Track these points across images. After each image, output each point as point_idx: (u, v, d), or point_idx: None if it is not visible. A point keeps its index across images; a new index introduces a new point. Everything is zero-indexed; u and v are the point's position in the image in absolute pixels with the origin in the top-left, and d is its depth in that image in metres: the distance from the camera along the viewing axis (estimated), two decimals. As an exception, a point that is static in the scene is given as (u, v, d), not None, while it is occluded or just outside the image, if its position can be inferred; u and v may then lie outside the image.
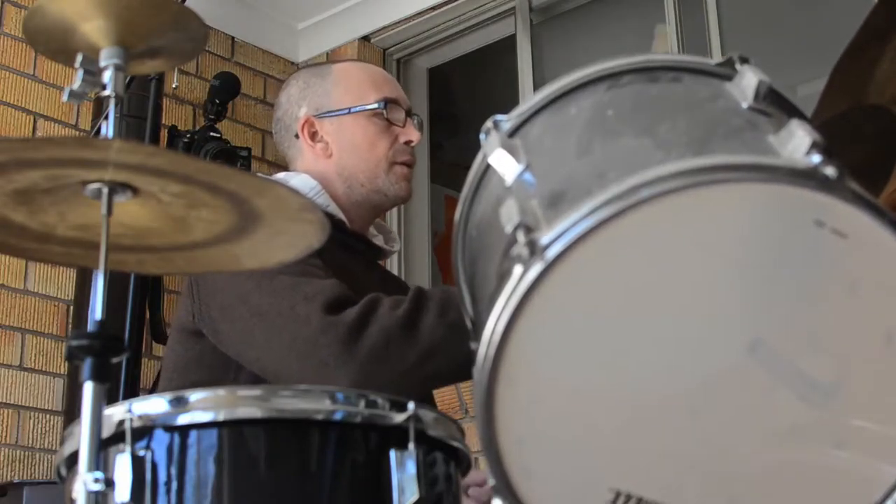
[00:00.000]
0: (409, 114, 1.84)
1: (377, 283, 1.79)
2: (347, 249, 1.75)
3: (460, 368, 1.48)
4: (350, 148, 1.79)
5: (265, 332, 1.54)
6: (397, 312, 1.49)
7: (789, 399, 0.90)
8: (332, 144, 1.80)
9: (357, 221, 1.81)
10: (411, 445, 1.09)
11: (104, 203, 0.99)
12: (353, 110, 1.80)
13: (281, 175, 1.85)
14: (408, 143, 1.82)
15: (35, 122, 3.28)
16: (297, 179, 1.78)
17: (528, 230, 0.86)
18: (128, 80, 1.12)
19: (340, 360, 1.45)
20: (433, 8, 3.85)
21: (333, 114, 1.80)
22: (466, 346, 1.45)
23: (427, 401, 1.84)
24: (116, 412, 1.05)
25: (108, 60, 1.09)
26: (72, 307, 3.18)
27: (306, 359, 1.48)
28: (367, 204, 1.81)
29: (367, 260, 1.84)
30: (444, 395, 3.06)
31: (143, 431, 1.05)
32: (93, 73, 1.09)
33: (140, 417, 1.05)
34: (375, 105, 1.80)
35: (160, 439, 1.06)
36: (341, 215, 1.77)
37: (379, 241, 1.87)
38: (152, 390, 2.42)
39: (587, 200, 0.84)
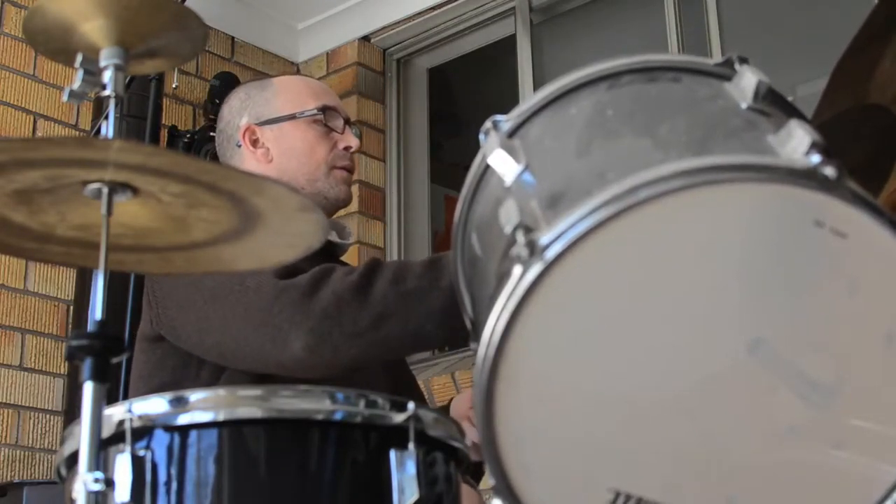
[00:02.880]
0: (347, 122, 1.89)
1: None
2: None
3: (414, 336, 1.49)
4: (290, 152, 1.83)
5: (220, 313, 1.56)
6: (350, 278, 1.50)
7: (789, 399, 0.90)
8: (272, 150, 1.83)
9: None
10: (411, 445, 1.09)
11: (104, 203, 0.99)
12: (293, 117, 1.84)
13: None
14: (346, 148, 1.86)
15: (35, 122, 3.28)
16: None
17: (528, 230, 0.86)
18: (128, 80, 1.12)
19: (294, 323, 1.46)
20: (433, 8, 3.85)
21: (274, 121, 1.84)
22: (419, 316, 1.47)
23: (411, 389, 1.85)
24: (116, 412, 1.05)
25: (108, 60, 1.09)
26: (72, 307, 3.18)
27: (261, 329, 1.49)
28: None
29: (324, 258, 1.85)
30: (445, 395, 3.06)
31: (143, 431, 1.05)
32: (93, 73, 1.09)
33: (140, 417, 1.05)
34: (315, 111, 1.84)
35: (160, 439, 1.06)
36: None
37: (333, 236, 1.89)
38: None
39: (587, 201, 0.84)
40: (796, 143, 0.86)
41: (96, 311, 0.99)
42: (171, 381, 1.64)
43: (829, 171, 0.83)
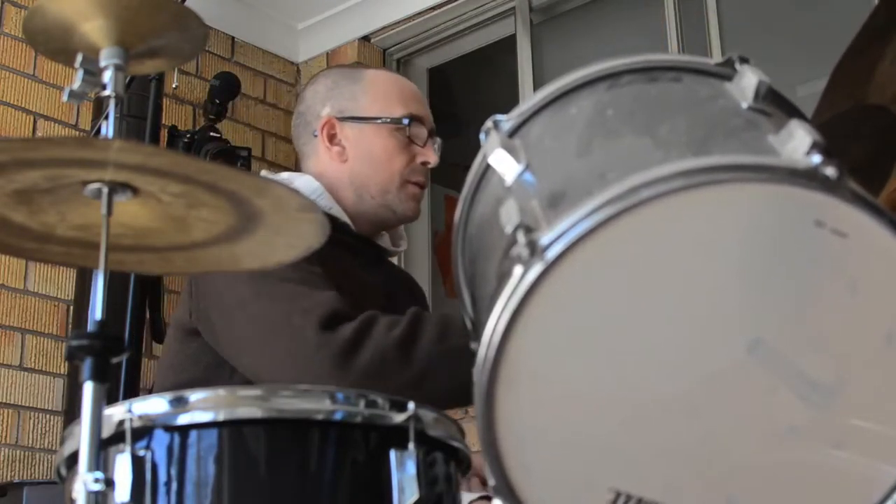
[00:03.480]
0: (431, 135, 1.83)
1: (381, 284, 1.79)
2: (351, 251, 1.75)
3: (456, 394, 1.47)
4: (367, 157, 1.78)
5: (260, 341, 1.55)
6: (393, 333, 1.48)
7: (789, 399, 0.90)
8: (348, 150, 1.78)
9: (362, 229, 1.81)
10: (411, 445, 1.09)
11: (104, 203, 0.99)
12: (377, 120, 1.78)
13: (285, 175, 1.85)
14: (424, 163, 1.80)
15: (35, 122, 3.28)
16: (301, 181, 1.77)
17: (529, 230, 0.86)
18: (128, 80, 1.12)
19: (333, 378, 1.45)
20: (433, 8, 3.85)
21: (356, 120, 1.78)
22: (462, 374, 1.46)
23: None
24: (116, 412, 1.05)
25: (108, 60, 1.09)
26: (72, 307, 3.18)
27: (300, 373, 1.48)
28: (373, 217, 1.80)
29: (373, 261, 1.83)
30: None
31: (143, 431, 1.05)
32: (93, 73, 1.09)
33: (140, 417, 1.05)
34: (400, 119, 1.78)
35: (160, 439, 1.05)
36: (346, 218, 1.77)
37: (385, 241, 1.86)
38: (151, 390, 2.43)
39: (587, 201, 0.84)
40: (797, 143, 0.86)
41: (96, 311, 0.99)
42: (202, 378, 1.62)
43: (830, 172, 0.83)
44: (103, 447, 0.97)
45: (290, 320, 1.51)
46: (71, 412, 2.98)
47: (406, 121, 1.78)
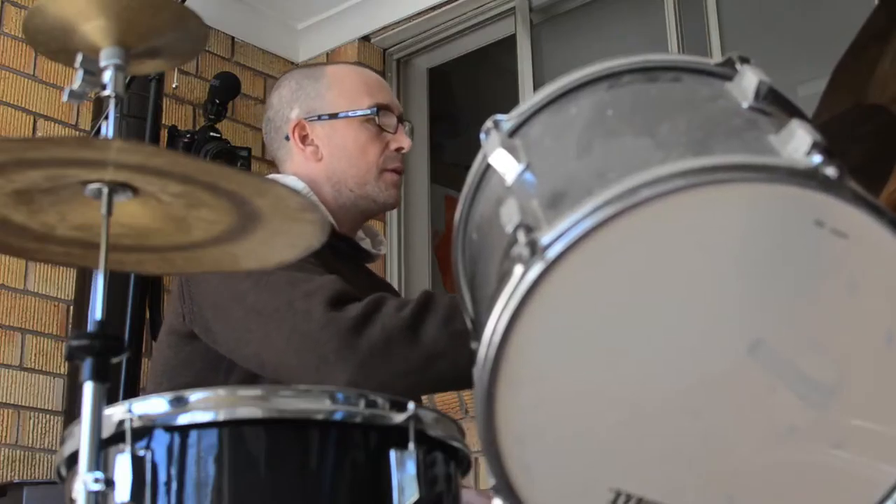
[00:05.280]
0: (400, 120, 1.85)
1: (365, 286, 1.80)
2: (335, 252, 1.76)
3: (463, 376, 1.47)
4: (341, 152, 1.80)
5: (263, 328, 1.54)
6: (402, 313, 1.48)
7: (789, 399, 0.90)
8: (322, 148, 1.80)
9: (345, 225, 1.82)
10: (411, 445, 1.09)
11: (104, 203, 0.99)
12: (345, 115, 1.80)
13: (270, 177, 1.85)
14: (398, 150, 1.82)
15: (35, 122, 3.28)
16: (287, 181, 1.78)
17: (529, 230, 0.86)
18: (128, 80, 1.12)
19: (340, 356, 1.45)
20: (433, 8, 3.85)
21: (325, 118, 1.81)
22: (469, 356, 1.45)
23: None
24: (116, 412, 1.05)
25: (108, 60, 1.09)
26: (72, 307, 3.18)
27: (305, 354, 1.48)
28: (354, 209, 1.82)
29: (355, 263, 1.85)
30: (445, 395, 3.06)
31: (143, 431, 1.05)
32: (93, 73, 1.09)
33: (140, 417, 1.05)
34: (368, 111, 1.80)
35: (160, 439, 1.06)
36: (330, 218, 1.78)
37: (366, 244, 1.88)
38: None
39: (588, 200, 0.84)
40: (797, 143, 0.86)
41: (96, 311, 0.99)
42: (195, 382, 1.61)
43: (831, 171, 0.83)
44: (103, 447, 0.97)
45: (293, 305, 1.51)
46: (71, 412, 2.98)
47: (374, 110, 1.80)
